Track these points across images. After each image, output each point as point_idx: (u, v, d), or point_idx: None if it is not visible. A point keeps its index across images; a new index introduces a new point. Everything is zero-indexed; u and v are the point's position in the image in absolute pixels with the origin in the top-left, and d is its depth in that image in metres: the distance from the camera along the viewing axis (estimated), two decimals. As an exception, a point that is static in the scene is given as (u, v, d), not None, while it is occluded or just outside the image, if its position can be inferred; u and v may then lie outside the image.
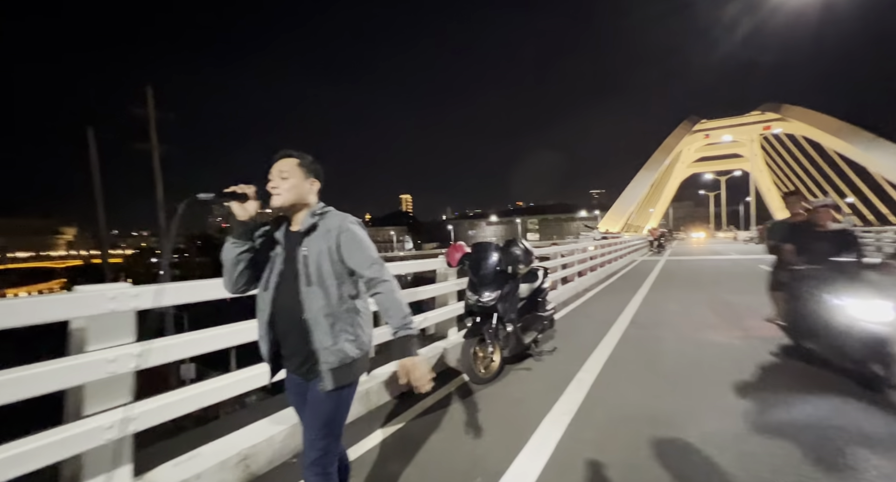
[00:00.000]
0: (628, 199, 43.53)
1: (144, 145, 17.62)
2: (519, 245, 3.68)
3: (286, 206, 1.40)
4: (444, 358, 3.86)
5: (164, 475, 1.86)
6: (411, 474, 2.13)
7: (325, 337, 1.33)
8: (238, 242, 1.35)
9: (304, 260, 1.36)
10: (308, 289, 1.34)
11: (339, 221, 1.41)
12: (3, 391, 1.45)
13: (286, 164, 1.41)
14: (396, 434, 2.59)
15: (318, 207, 1.44)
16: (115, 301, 1.72)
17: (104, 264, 20.90)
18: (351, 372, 1.38)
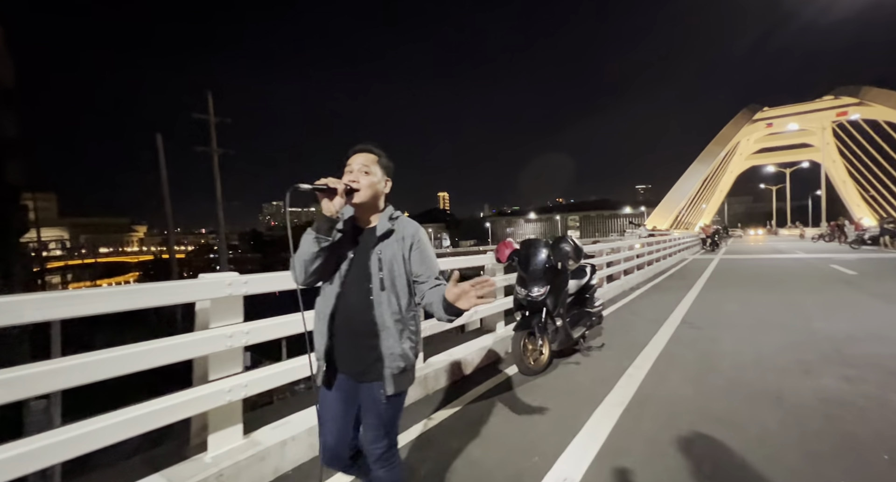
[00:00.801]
0: (678, 194, 41.16)
1: (205, 148, 19.24)
2: (569, 242, 3.77)
3: (364, 203, 1.38)
4: (493, 349, 4.04)
5: (266, 435, 2.19)
6: (473, 451, 2.33)
7: (393, 342, 1.33)
8: (322, 237, 1.32)
9: (379, 264, 1.35)
10: (382, 293, 1.34)
11: (413, 229, 1.41)
12: (156, 357, 1.82)
13: (367, 159, 1.39)
14: (454, 416, 2.80)
15: (391, 211, 1.43)
16: (231, 286, 2.06)
17: (171, 260, 23.11)
18: (409, 377, 1.40)
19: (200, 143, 18.95)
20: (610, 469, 2.07)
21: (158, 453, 2.03)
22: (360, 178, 1.36)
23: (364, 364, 1.36)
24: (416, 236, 1.40)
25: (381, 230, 1.38)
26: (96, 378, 1.63)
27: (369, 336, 1.34)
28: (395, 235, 1.38)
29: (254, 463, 2.03)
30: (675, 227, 35.79)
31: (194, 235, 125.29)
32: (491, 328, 4.45)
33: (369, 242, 1.38)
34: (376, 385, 1.36)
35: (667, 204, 40.90)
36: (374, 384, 1.36)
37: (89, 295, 1.75)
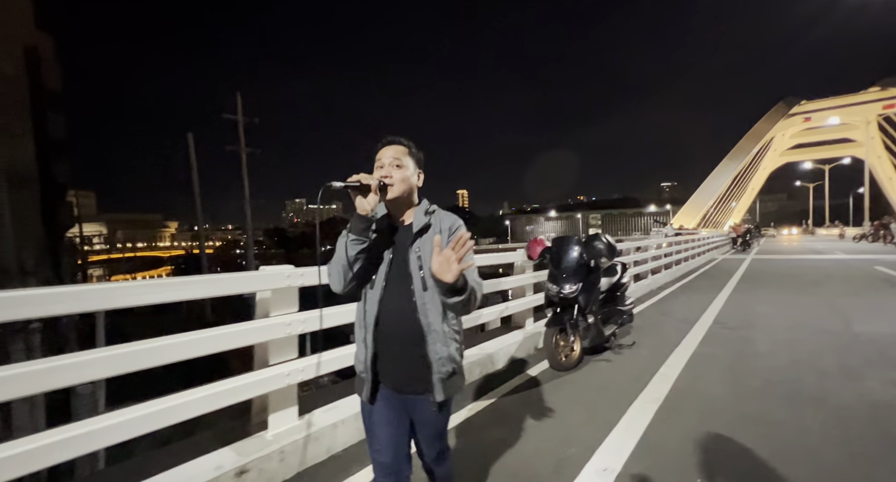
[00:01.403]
0: (706, 192, 39.83)
1: (234, 147, 19.93)
2: (602, 240, 3.79)
3: (398, 199, 1.29)
4: (523, 345, 4.11)
5: (318, 418, 2.35)
6: (511, 440, 2.42)
7: (440, 346, 1.26)
8: (359, 239, 1.22)
9: (419, 262, 1.25)
10: (425, 294, 1.24)
11: (451, 222, 1.31)
12: (225, 341, 1.99)
13: (399, 152, 1.30)
14: (490, 407, 2.90)
15: (426, 204, 1.35)
16: (289, 278, 2.22)
17: (202, 255, 24.12)
18: (459, 382, 1.33)
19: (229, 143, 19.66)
20: (649, 461, 2.12)
21: (223, 429, 2.22)
22: (392, 173, 1.28)
23: (411, 373, 1.27)
24: (454, 228, 1.30)
25: (417, 226, 1.28)
26: (177, 358, 1.81)
27: (416, 341, 1.25)
28: (433, 230, 1.29)
29: (309, 442, 2.19)
30: (702, 226, 34.66)
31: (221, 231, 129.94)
32: (520, 324, 4.52)
33: (406, 240, 1.28)
34: (421, 395, 1.28)
35: (694, 202, 39.66)
36: (425, 395, 1.28)
37: (166, 284, 1.94)
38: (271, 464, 2.00)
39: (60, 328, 12.36)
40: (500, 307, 4.11)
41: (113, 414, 1.61)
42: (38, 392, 1.51)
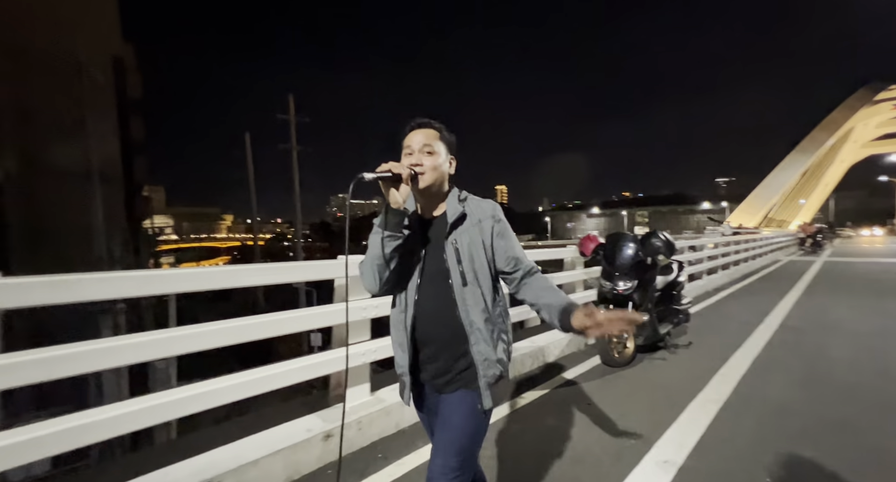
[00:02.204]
0: (770, 187, 36.57)
1: (286, 146, 21.13)
2: (660, 237, 3.73)
3: (429, 188, 1.17)
4: (574, 340, 4.13)
5: (387, 394, 2.56)
6: (567, 429, 2.51)
7: (486, 346, 1.15)
8: (394, 235, 1.10)
9: (457, 254, 1.15)
10: (465, 289, 1.14)
11: (490, 209, 1.20)
12: (310, 321, 2.25)
13: (429, 137, 1.17)
14: (544, 397, 2.99)
15: (458, 192, 1.22)
16: (365, 267, 2.44)
17: (255, 246, 25.90)
18: (506, 387, 1.32)
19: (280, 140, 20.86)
20: (713, 458, 2.12)
21: (308, 400, 2.49)
22: (423, 160, 1.15)
23: (452, 374, 1.16)
24: (496, 216, 1.19)
25: (452, 215, 1.16)
26: (270, 334, 2.07)
27: (458, 341, 1.15)
28: (470, 219, 1.17)
29: (381, 416, 2.41)
30: (764, 225, 31.99)
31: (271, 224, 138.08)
32: (569, 320, 4.54)
33: (440, 232, 1.17)
34: (461, 394, 1.16)
35: (755, 199, 36.61)
36: (459, 393, 1.16)
37: (266, 268, 2.22)
38: (350, 432, 2.23)
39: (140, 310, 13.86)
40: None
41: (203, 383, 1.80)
42: (122, 365, 1.67)
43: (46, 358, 1.42)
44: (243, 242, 70.63)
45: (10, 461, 1.32)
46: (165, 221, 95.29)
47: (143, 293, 1.82)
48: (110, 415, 1.53)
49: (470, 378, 1.15)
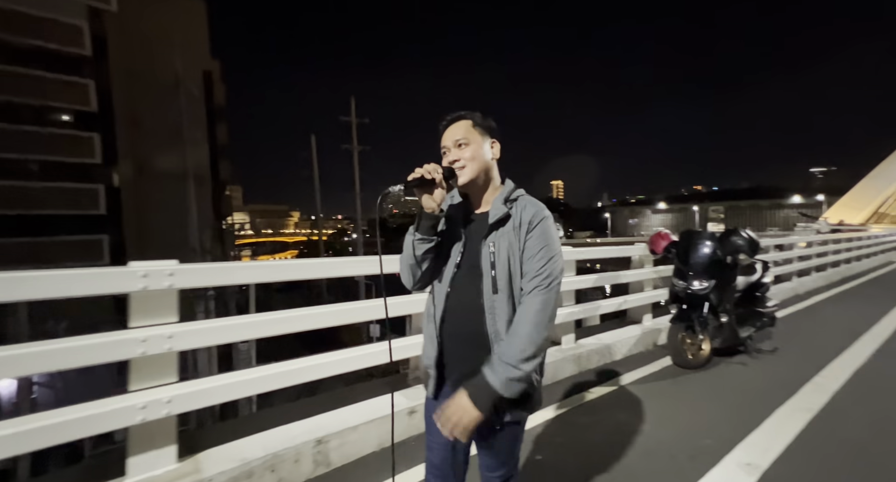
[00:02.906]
0: (882, 178, 31.44)
1: (347, 146, 22.34)
2: (742, 235, 3.51)
3: (472, 181, 1.13)
4: (641, 339, 4.03)
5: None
6: (639, 425, 2.51)
7: None
8: (425, 238, 1.09)
9: (492, 258, 1.09)
10: (495, 297, 1.08)
11: (532, 212, 1.11)
12: (395, 310, 2.49)
13: (460, 130, 1.14)
14: (613, 393, 2.99)
15: (509, 190, 1.15)
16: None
17: (319, 241, 27.80)
18: (533, 401, 1.14)
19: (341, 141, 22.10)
20: (802, 465, 2.03)
21: (389, 380, 2.76)
22: (459, 155, 1.12)
23: None
24: (534, 222, 1.10)
25: (493, 216, 1.11)
26: (331, 324, 2.21)
27: (481, 347, 1.09)
28: (512, 221, 1.10)
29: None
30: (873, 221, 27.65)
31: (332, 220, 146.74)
32: (636, 319, 4.42)
33: (480, 232, 1.12)
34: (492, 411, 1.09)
35: (862, 191, 31.69)
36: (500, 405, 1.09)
37: (360, 261, 2.48)
38: (416, 416, 2.45)
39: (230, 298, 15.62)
40: (618, 300, 4.09)
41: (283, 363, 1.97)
42: (213, 344, 1.85)
43: None
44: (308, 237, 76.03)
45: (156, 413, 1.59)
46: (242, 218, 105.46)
47: (230, 282, 2.08)
48: (207, 387, 1.75)
49: None
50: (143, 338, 1.55)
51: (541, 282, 1.05)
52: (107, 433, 1.57)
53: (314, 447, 1.93)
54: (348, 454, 2.05)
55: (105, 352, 1.51)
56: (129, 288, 1.55)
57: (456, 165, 1.11)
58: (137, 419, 1.54)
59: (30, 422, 1.39)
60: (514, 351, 1.01)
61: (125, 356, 1.54)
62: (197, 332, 1.71)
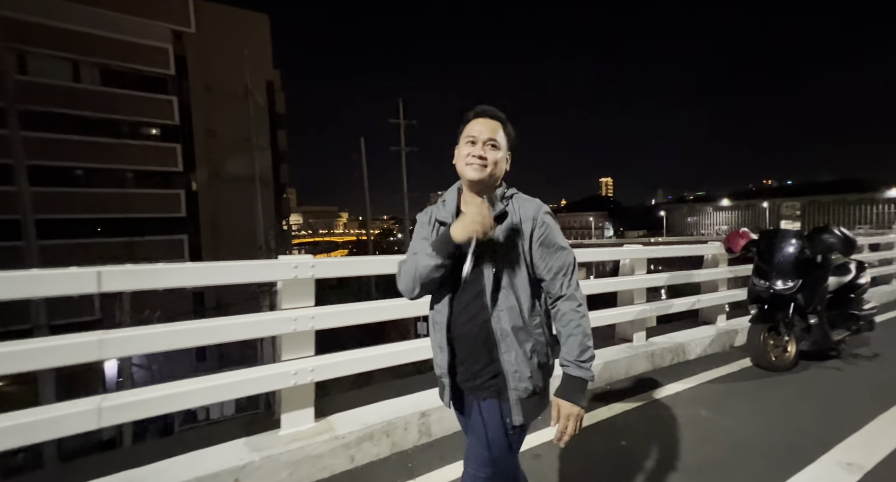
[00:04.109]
0: None
1: (396, 147, 23.06)
2: (835, 232, 3.33)
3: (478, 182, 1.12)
4: (715, 340, 3.93)
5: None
6: (724, 422, 2.51)
7: (517, 356, 1.08)
8: (444, 262, 1.08)
9: (492, 257, 1.09)
10: (497, 295, 1.08)
11: (533, 211, 1.11)
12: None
13: (493, 129, 1.13)
14: (690, 390, 2.99)
15: (505, 189, 1.16)
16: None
17: (368, 241, 28.98)
18: (542, 403, 1.13)
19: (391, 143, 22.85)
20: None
21: (431, 376, 2.97)
22: (485, 153, 1.11)
23: (482, 379, 1.12)
24: (539, 220, 1.10)
25: None
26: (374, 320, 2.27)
27: (488, 347, 1.10)
28: (510, 219, 1.11)
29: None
30: None
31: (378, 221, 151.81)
32: (710, 320, 4.29)
33: None
34: (492, 405, 1.12)
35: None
36: (490, 403, 1.12)
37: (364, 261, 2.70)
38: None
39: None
40: (691, 299, 4.01)
41: None
42: (273, 335, 1.87)
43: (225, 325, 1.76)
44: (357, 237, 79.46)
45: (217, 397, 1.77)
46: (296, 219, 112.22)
47: (354, 273, 2.26)
48: (338, 361, 2.00)
49: (500, 388, 1.10)
50: (294, 318, 1.88)
51: (570, 281, 1.10)
52: (192, 414, 1.82)
53: (419, 418, 2.19)
54: (447, 428, 2.28)
55: (267, 327, 1.86)
56: (283, 276, 1.89)
57: (478, 162, 1.10)
58: (290, 383, 1.87)
59: (209, 381, 1.76)
60: (581, 345, 1.08)
61: (281, 331, 1.88)
62: (332, 315, 2.02)
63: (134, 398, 1.50)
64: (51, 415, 1.36)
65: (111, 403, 1.45)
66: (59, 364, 1.42)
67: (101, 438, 11.89)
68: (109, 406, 1.44)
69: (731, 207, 70.47)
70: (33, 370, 1.42)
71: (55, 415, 1.37)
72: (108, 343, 1.45)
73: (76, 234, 16.55)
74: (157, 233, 19.16)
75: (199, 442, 1.81)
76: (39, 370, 1.36)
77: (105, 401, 1.45)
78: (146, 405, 1.52)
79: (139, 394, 1.52)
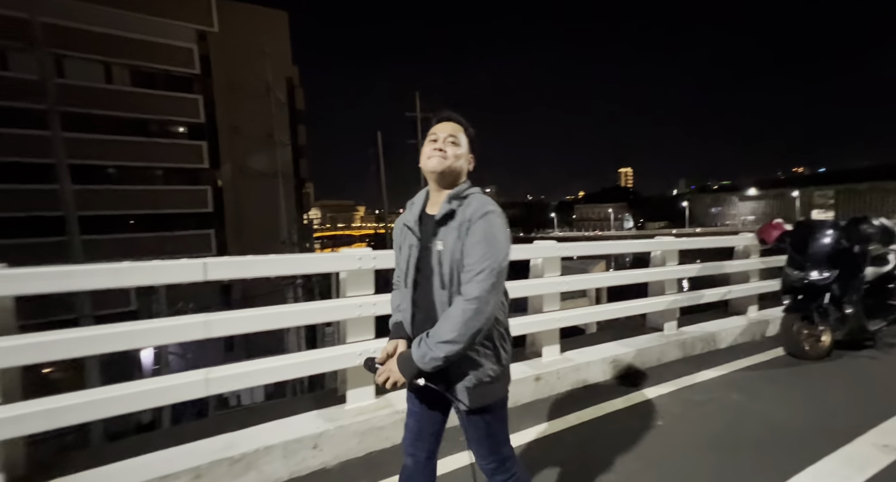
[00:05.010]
0: None
1: (414, 141, 23.18)
2: (873, 222, 3.32)
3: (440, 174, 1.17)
4: (748, 330, 3.98)
5: (574, 355, 3.04)
6: (754, 404, 2.62)
7: None
8: None
9: (439, 256, 1.14)
10: (442, 292, 1.14)
11: (471, 212, 1.14)
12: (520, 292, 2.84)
13: (455, 129, 1.21)
14: (722, 378, 3.08)
15: (460, 189, 1.19)
16: (558, 250, 2.95)
17: (386, 234, 29.35)
18: (491, 390, 1.17)
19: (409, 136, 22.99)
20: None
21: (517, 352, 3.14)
22: (446, 148, 1.18)
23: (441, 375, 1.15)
24: (472, 220, 1.12)
25: (439, 214, 1.16)
26: None
27: None
28: (457, 219, 1.14)
29: (571, 372, 2.91)
30: None
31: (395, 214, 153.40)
32: (740, 310, 4.33)
33: (431, 230, 1.19)
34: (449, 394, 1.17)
35: None
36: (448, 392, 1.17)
37: None
38: (552, 379, 2.80)
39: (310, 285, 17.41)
40: (722, 290, 4.06)
41: None
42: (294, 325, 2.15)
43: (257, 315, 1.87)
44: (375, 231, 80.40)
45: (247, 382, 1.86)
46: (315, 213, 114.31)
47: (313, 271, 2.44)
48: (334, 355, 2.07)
49: (452, 379, 1.16)
50: (359, 304, 2.09)
51: (474, 276, 1.08)
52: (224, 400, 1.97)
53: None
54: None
55: (337, 313, 2.06)
56: (349, 267, 2.09)
57: (438, 154, 1.16)
58: (355, 362, 2.08)
59: (289, 359, 1.98)
60: (438, 333, 1.08)
61: (347, 316, 2.09)
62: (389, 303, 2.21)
63: (232, 371, 1.74)
64: (170, 384, 1.60)
65: (216, 375, 1.68)
66: (173, 341, 1.65)
67: (141, 421, 12.70)
68: (215, 377, 1.67)
69: (758, 197, 67.85)
70: (153, 345, 1.64)
71: (173, 383, 1.61)
72: (213, 324, 1.68)
73: (112, 229, 17.42)
74: (186, 228, 19.97)
75: (280, 412, 2.04)
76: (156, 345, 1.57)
77: (210, 373, 1.68)
78: (243, 377, 1.76)
79: (237, 368, 1.75)
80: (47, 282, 1.46)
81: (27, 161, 15.58)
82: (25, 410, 1.38)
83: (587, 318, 3.10)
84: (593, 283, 3.71)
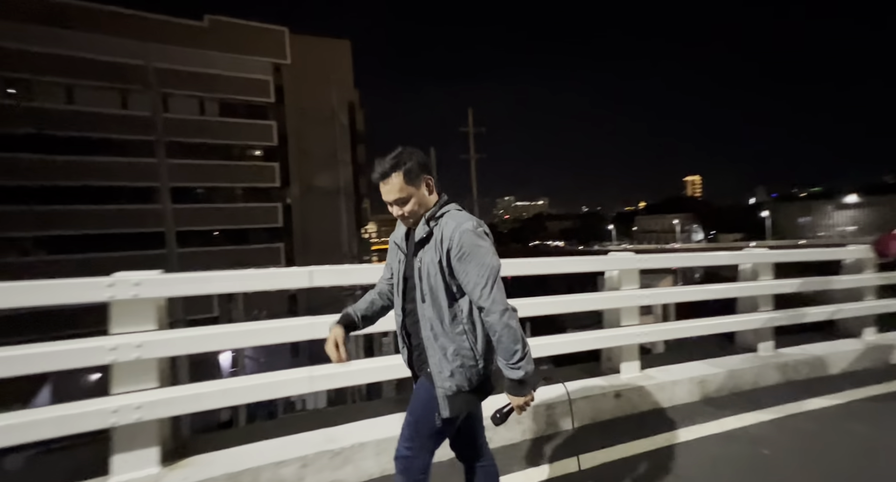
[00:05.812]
0: None
1: (466, 156, 23.48)
2: None
3: (413, 222, 1.30)
4: (865, 355, 3.46)
5: (657, 373, 2.86)
6: (875, 436, 2.26)
7: (440, 360, 1.24)
8: None
9: (419, 273, 1.25)
10: (423, 306, 1.25)
11: (451, 230, 1.22)
12: (579, 305, 2.76)
13: (395, 189, 1.25)
14: (842, 406, 2.70)
15: (434, 210, 1.28)
16: (638, 262, 2.83)
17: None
18: (466, 402, 1.26)
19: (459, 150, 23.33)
20: None
21: (582, 368, 3.04)
22: (402, 211, 1.27)
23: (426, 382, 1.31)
24: (454, 239, 1.21)
25: (418, 235, 1.27)
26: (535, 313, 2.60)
27: (421, 349, 1.30)
28: (434, 238, 1.25)
29: (655, 390, 2.74)
30: None
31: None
32: (853, 333, 3.79)
33: (413, 250, 1.30)
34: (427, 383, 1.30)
35: None
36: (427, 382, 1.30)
37: (542, 263, 2.81)
38: (634, 396, 2.65)
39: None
40: (829, 308, 3.61)
41: None
42: None
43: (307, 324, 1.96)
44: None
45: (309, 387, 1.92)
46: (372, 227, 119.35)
47: None
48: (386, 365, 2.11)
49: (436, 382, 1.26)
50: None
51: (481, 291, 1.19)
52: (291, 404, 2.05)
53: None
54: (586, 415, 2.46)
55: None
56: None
57: (404, 221, 1.30)
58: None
59: (374, 363, 2.10)
60: (504, 352, 1.21)
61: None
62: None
63: (333, 371, 1.88)
64: (281, 379, 1.78)
65: (319, 373, 1.84)
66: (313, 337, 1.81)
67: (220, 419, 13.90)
68: (318, 375, 1.83)
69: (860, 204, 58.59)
70: (289, 341, 1.81)
71: (283, 379, 1.79)
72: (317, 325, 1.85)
73: (200, 243, 19.62)
74: (260, 241, 21.93)
75: (368, 413, 2.16)
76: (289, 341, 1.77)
77: (314, 371, 1.84)
78: (342, 377, 1.90)
79: (336, 368, 1.88)
80: (191, 285, 1.72)
81: (131, 185, 18.26)
82: (176, 394, 1.62)
83: (670, 335, 2.91)
84: (673, 297, 3.46)
